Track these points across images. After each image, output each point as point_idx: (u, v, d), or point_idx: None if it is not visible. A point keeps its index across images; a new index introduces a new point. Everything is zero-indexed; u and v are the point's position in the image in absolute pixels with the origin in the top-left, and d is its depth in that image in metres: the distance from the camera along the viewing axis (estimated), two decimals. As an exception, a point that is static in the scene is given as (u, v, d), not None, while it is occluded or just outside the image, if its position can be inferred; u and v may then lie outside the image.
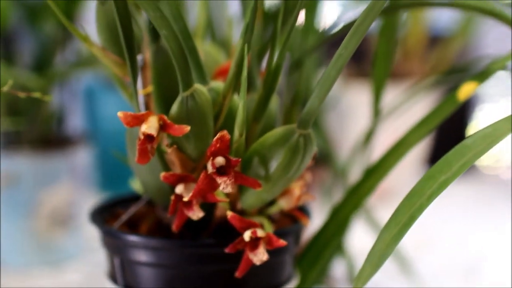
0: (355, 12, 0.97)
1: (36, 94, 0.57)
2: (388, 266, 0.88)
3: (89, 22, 0.58)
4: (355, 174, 0.81)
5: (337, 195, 0.88)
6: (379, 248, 0.49)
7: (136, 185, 0.65)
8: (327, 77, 0.48)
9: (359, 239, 0.92)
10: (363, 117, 1.03)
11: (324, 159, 0.90)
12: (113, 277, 0.60)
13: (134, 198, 0.65)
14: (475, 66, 0.81)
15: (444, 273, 0.94)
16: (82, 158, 0.98)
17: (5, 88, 0.56)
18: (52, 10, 0.92)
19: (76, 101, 1.18)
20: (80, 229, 0.98)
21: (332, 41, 0.77)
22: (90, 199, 1.04)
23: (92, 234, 1.00)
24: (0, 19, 0.90)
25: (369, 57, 1.26)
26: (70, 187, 0.95)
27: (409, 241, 0.88)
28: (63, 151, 0.93)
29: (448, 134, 1.24)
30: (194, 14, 0.67)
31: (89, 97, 1.22)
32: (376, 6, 0.44)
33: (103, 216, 0.62)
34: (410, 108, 0.93)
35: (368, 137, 0.72)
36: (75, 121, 1.20)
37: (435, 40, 1.30)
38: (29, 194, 0.92)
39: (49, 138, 0.96)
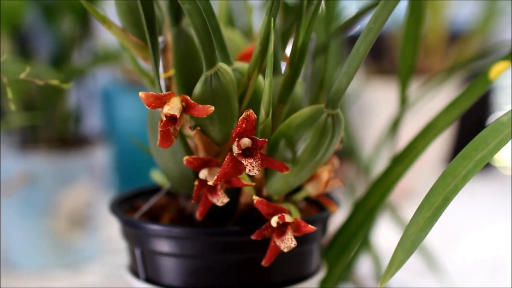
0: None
1: (54, 82, 0.55)
2: (414, 264, 0.87)
3: (109, 5, 0.56)
4: (378, 169, 0.79)
5: (360, 190, 0.86)
6: (412, 232, 0.47)
7: (156, 176, 0.63)
8: (356, 53, 0.47)
9: (385, 237, 0.90)
10: (383, 114, 1.01)
11: (347, 154, 0.88)
12: (133, 271, 0.58)
13: (155, 190, 0.64)
14: (495, 51, 0.79)
15: (469, 271, 0.92)
16: (100, 158, 0.97)
17: (22, 75, 0.55)
18: (69, 7, 0.91)
19: (93, 102, 1.17)
20: (98, 230, 0.97)
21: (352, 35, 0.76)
22: (108, 200, 1.02)
23: (110, 235, 0.99)
24: (15, 16, 0.88)
25: (389, 54, 1.24)
26: (88, 187, 0.94)
27: (434, 239, 0.86)
28: (80, 151, 0.92)
29: (468, 133, 1.21)
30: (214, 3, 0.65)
31: (107, 99, 1.21)
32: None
33: (123, 207, 0.60)
34: (430, 102, 0.91)
35: (395, 125, 0.70)
36: (92, 121, 1.19)
37: (455, 37, 1.28)
38: (46, 195, 0.91)
39: (67, 137, 0.95)
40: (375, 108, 1.16)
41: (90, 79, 1.04)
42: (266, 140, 0.47)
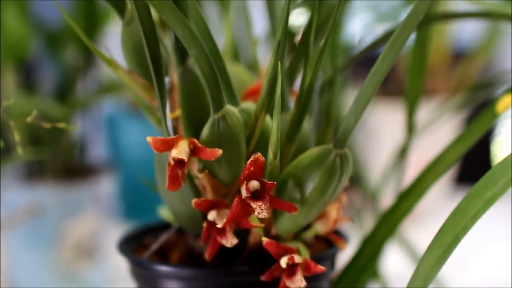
0: (382, 29, 0.95)
1: (61, 125, 0.55)
2: None
3: (111, 47, 0.56)
4: (386, 196, 0.79)
5: (367, 218, 0.85)
6: (423, 271, 0.47)
7: (164, 213, 0.63)
8: (364, 93, 0.46)
9: (393, 262, 0.89)
10: (389, 136, 1.01)
11: (353, 181, 0.88)
12: (143, 309, 0.58)
13: (163, 226, 0.63)
14: (499, 81, 0.79)
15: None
16: (106, 187, 0.97)
17: (29, 119, 0.55)
18: (72, 38, 0.92)
19: (98, 130, 1.17)
20: (106, 260, 0.96)
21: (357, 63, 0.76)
22: (115, 229, 1.02)
23: (117, 264, 0.99)
24: (19, 48, 0.89)
25: (395, 76, 1.24)
26: (95, 217, 0.93)
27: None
28: (86, 181, 0.92)
29: (474, 152, 1.21)
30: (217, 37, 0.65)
31: (111, 126, 1.21)
32: (415, 17, 0.42)
33: (131, 246, 0.60)
34: (437, 129, 0.91)
35: (403, 153, 0.70)
36: (98, 150, 1.19)
37: (458, 55, 1.28)
38: (53, 225, 0.91)
39: (72, 167, 0.95)
40: (381, 130, 1.16)
41: (95, 108, 1.04)
42: (275, 182, 0.47)
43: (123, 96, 1.14)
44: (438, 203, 1.17)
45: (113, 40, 0.64)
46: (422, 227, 1.09)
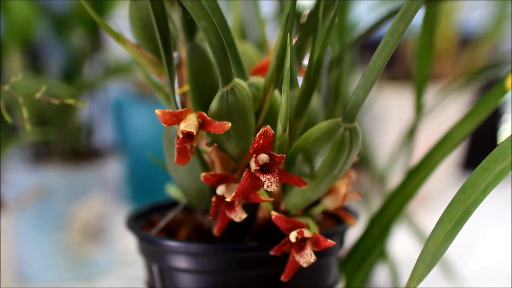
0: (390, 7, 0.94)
1: (70, 101, 0.55)
2: (431, 271, 0.86)
3: (120, 23, 0.56)
4: (394, 178, 0.79)
5: (375, 200, 0.85)
6: (433, 246, 0.47)
7: (172, 191, 0.63)
8: (372, 66, 0.46)
9: (401, 245, 0.89)
10: (397, 121, 1.01)
11: (361, 163, 0.88)
12: (151, 286, 0.58)
13: (170, 204, 0.63)
14: (506, 60, 0.78)
15: (486, 277, 0.91)
16: (113, 170, 0.97)
17: (38, 95, 0.55)
18: (79, 21, 0.91)
19: (104, 114, 1.17)
20: (112, 242, 0.96)
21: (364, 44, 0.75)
22: (122, 212, 1.02)
23: (124, 247, 0.99)
24: (26, 31, 0.89)
25: (401, 61, 1.24)
26: (101, 199, 0.93)
27: (450, 246, 0.85)
28: (93, 164, 0.92)
29: (481, 138, 1.21)
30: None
31: (118, 110, 1.21)
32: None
33: (139, 223, 0.60)
34: (443, 110, 0.90)
35: (411, 134, 0.69)
36: (104, 133, 1.19)
37: (466, 41, 1.28)
38: (60, 208, 0.91)
39: (79, 150, 0.95)
40: (388, 114, 1.16)
41: (102, 91, 1.04)
42: (284, 155, 0.46)
43: (129, 80, 1.14)
44: (446, 189, 1.17)
45: (120, 23, 0.64)
46: (429, 213, 1.08)
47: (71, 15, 0.93)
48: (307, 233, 0.49)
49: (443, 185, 1.19)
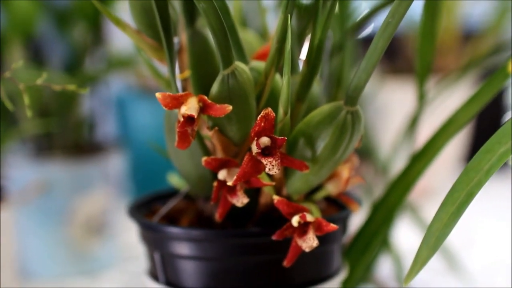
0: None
1: (71, 87, 0.55)
2: (436, 264, 0.86)
3: (122, 7, 0.56)
4: (396, 168, 0.78)
5: (379, 191, 0.85)
6: (436, 228, 0.46)
7: (174, 179, 0.63)
8: (374, 48, 0.46)
9: (405, 238, 0.89)
10: (399, 114, 1.01)
11: (364, 155, 0.87)
12: (153, 274, 0.57)
13: (172, 194, 0.63)
14: (507, 48, 0.78)
15: (491, 270, 0.91)
16: (115, 165, 0.97)
17: (39, 81, 0.54)
18: (81, 16, 0.91)
19: (107, 109, 1.17)
20: (115, 237, 0.96)
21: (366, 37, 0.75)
22: (124, 207, 1.02)
23: (127, 241, 0.99)
24: (27, 24, 0.88)
25: (404, 54, 1.23)
26: (104, 194, 0.93)
27: (454, 239, 0.85)
28: (95, 158, 0.91)
29: (485, 132, 1.21)
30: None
31: (121, 107, 1.20)
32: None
33: (141, 212, 0.60)
34: (445, 101, 0.90)
35: (413, 123, 0.69)
36: (107, 128, 1.19)
37: (469, 35, 1.28)
38: (62, 202, 0.90)
39: (81, 144, 0.94)
40: (391, 108, 1.15)
41: (103, 86, 1.04)
42: (286, 138, 0.46)
43: (131, 73, 1.14)
44: (449, 182, 1.16)
45: (123, 15, 0.63)
46: (432, 206, 1.08)
47: (72, 9, 0.93)
48: (309, 217, 0.48)
49: (446, 178, 1.18)
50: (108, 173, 0.94)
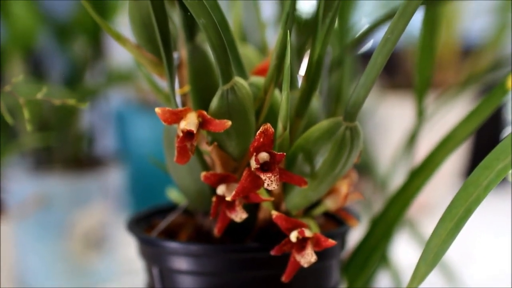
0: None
1: (71, 101, 0.55)
2: (434, 279, 0.85)
3: (123, 23, 0.56)
4: (396, 184, 0.78)
5: (378, 207, 0.85)
6: (435, 244, 0.46)
7: (173, 194, 0.63)
8: (373, 64, 0.46)
9: (404, 254, 0.89)
10: (398, 129, 1.01)
11: (363, 171, 0.87)
12: (152, 289, 0.57)
13: (171, 208, 0.63)
14: (507, 63, 0.78)
15: (489, 285, 0.91)
16: (114, 179, 0.97)
17: (39, 95, 0.54)
18: (81, 30, 0.92)
19: (106, 123, 1.17)
20: (114, 251, 0.96)
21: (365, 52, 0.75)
22: (123, 221, 1.02)
23: (126, 256, 0.99)
24: (27, 38, 0.89)
25: (403, 69, 1.24)
26: (103, 208, 0.93)
27: (452, 254, 0.85)
28: (95, 172, 0.92)
29: (483, 147, 1.21)
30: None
31: (120, 121, 1.21)
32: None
33: (140, 226, 0.60)
34: (444, 117, 0.90)
35: (412, 139, 0.69)
36: (106, 143, 1.19)
37: (468, 51, 1.28)
38: (61, 216, 0.90)
39: (81, 158, 0.94)
40: (390, 123, 1.16)
41: (103, 100, 1.04)
42: (284, 153, 0.46)
43: (131, 88, 1.14)
44: (447, 198, 1.16)
45: (123, 29, 0.64)
46: (431, 222, 1.08)
47: (73, 23, 0.93)
48: (308, 233, 0.48)
49: (445, 194, 1.18)
50: (107, 187, 0.94)
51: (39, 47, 0.94)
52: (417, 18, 0.67)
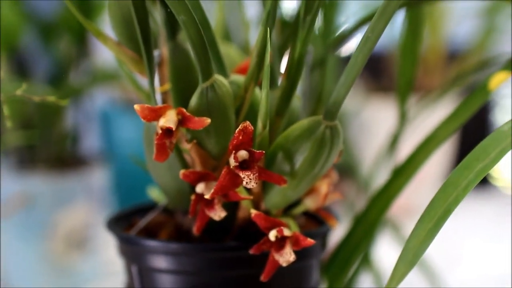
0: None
1: (51, 98, 0.55)
2: (418, 282, 0.85)
3: (106, 22, 0.56)
4: (378, 184, 0.78)
5: (360, 208, 0.85)
6: (413, 245, 0.46)
7: (153, 193, 0.62)
8: (353, 63, 0.46)
9: (386, 255, 0.88)
10: (382, 132, 1.01)
11: (346, 172, 0.87)
12: (131, 288, 0.57)
13: (152, 207, 0.63)
14: (494, 64, 0.78)
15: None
16: (98, 179, 0.96)
17: (19, 92, 0.54)
18: (66, 29, 0.91)
19: (90, 122, 1.17)
20: (97, 252, 0.96)
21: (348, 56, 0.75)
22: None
23: (109, 257, 0.98)
24: (11, 37, 0.88)
25: (387, 72, 1.24)
26: (86, 208, 0.93)
27: (436, 257, 0.85)
28: (78, 172, 0.91)
29: (468, 149, 1.21)
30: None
31: (105, 121, 1.20)
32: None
33: (120, 225, 0.59)
34: (429, 118, 0.90)
35: (394, 141, 0.69)
36: (90, 142, 1.18)
37: (454, 55, 1.29)
38: (44, 216, 0.90)
39: (64, 158, 0.94)
40: (375, 125, 1.16)
41: (87, 99, 1.04)
42: (264, 152, 0.46)
43: (115, 88, 1.14)
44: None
45: (107, 28, 0.64)
46: (414, 224, 1.08)
47: (58, 21, 0.93)
48: (286, 232, 0.48)
49: (428, 197, 1.18)
50: (91, 187, 0.94)
51: (23, 46, 0.94)
52: (401, 21, 0.67)
